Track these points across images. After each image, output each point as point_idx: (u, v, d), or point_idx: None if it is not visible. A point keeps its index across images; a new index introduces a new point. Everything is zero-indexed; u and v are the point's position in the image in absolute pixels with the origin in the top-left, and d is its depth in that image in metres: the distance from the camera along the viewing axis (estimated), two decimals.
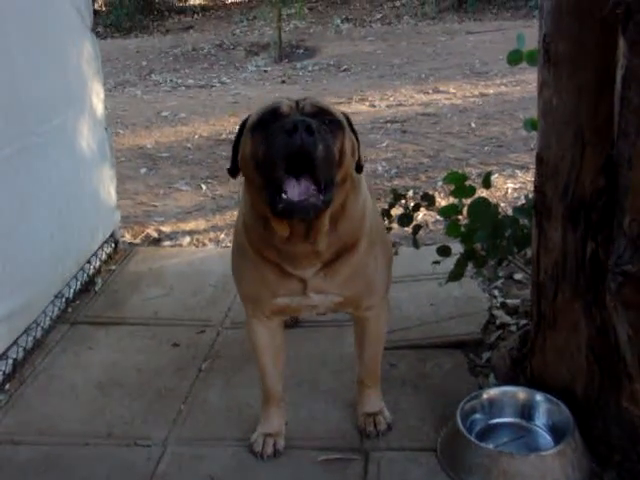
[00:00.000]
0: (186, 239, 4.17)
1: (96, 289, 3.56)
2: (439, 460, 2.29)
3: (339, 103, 7.02)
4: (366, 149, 5.35)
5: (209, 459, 2.37)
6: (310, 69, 9.24)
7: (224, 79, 9.02)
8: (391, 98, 7.19)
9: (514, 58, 2.70)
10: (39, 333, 3.09)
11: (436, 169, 5.06)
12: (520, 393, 2.41)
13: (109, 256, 3.85)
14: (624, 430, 2.18)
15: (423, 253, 3.13)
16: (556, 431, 2.29)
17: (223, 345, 3.03)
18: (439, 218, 3.51)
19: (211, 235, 4.21)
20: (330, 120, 1.88)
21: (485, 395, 2.42)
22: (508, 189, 4.57)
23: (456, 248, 2.90)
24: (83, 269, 3.54)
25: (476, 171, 4.84)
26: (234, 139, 2.01)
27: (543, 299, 2.33)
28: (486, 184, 2.82)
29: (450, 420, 2.34)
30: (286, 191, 1.80)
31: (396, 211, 3.01)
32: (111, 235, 3.90)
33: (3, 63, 2.79)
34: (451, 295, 3.20)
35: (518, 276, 3.35)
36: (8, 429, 2.58)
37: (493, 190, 4.24)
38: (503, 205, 4.14)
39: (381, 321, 2.35)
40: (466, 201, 2.79)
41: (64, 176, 3.31)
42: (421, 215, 3.97)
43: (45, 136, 3.12)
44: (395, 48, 9.98)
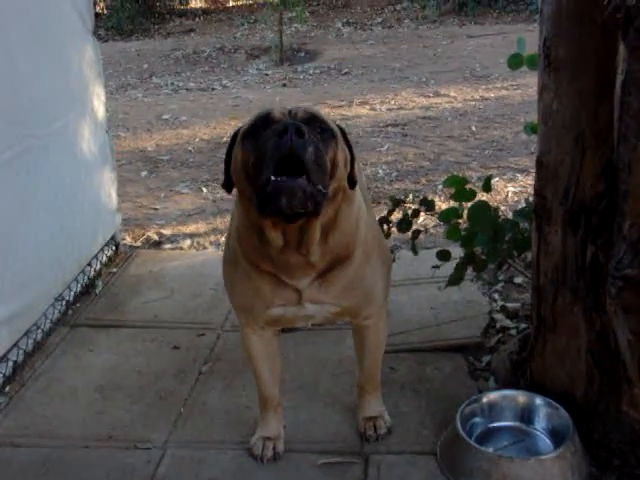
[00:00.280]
0: (187, 242, 4.17)
1: (97, 292, 3.56)
2: (439, 464, 2.29)
3: (340, 106, 7.04)
4: (367, 152, 5.36)
5: (209, 462, 2.37)
6: (311, 72, 9.25)
7: (225, 82, 9.03)
8: (392, 101, 7.20)
9: (514, 62, 2.70)
10: (39, 335, 3.09)
11: (436, 172, 5.06)
12: (520, 397, 2.41)
13: (110, 259, 3.85)
14: (624, 434, 2.18)
15: (423, 257, 3.13)
16: (556, 435, 2.29)
17: (223, 348, 3.03)
18: (439, 221, 3.52)
19: (212, 238, 4.22)
20: (323, 128, 1.85)
21: (485, 399, 2.42)
22: (508, 193, 4.58)
23: (456, 252, 2.90)
24: (84, 272, 3.55)
25: (476, 175, 4.85)
26: (225, 153, 1.98)
27: (543, 303, 2.34)
28: (486, 188, 2.82)
29: (450, 424, 2.34)
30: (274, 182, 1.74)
31: (397, 215, 3.01)
32: (112, 238, 3.90)
33: (4, 66, 2.80)
34: (451, 299, 3.21)
35: (518, 280, 3.35)
36: (8, 431, 2.58)
37: (493, 194, 4.25)
38: (503, 209, 4.14)
39: (380, 329, 2.34)
40: (466, 205, 2.79)
41: (65, 179, 3.32)
42: (421, 219, 3.97)
43: (46, 139, 3.12)
44: (396, 51, 9.99)
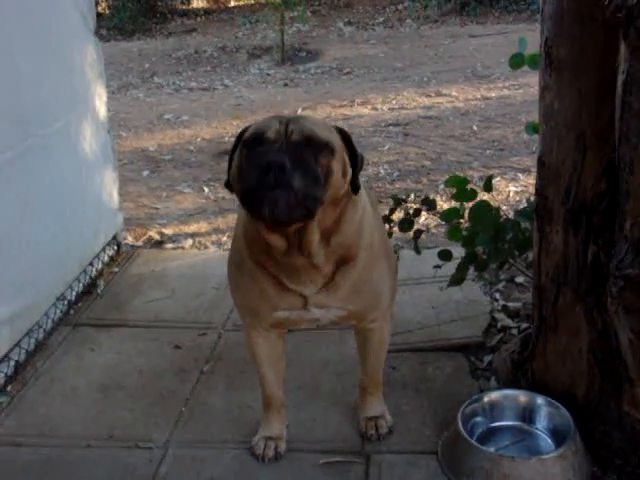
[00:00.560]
0: (188, 241, 4.18)
1: (98, 291, 3.57)
2: (440, 463, 2.29)
3: (341, 106, 7.04)
4: (368, 152, 5.35)
5: (210, 462, 2.37)
6: (313, 72, 9.25)
7: (227, 82, 9.03)
8: (393, 101, 7.20)
9: (516, 62, 2.70)
10: (41, 335, 3.09)
11: (438, 172, 5.06)
12: (521, 396, 2.41)
13: (111, 258, 3.86)
14: (625, 434, 2.18)
15: (424, 257, 3.13)
16: (557, 434, 2.29)
17: (225, 347, 3.03)
18: (441, 221, 3.52)
19: (213, 237, 4.22)
20: (317, 145, 1.84)
21: (486, 398, 2.42)
22: (510, 192, 4.58)
23: (457, 252, 2.90)
24: (85, 271, 3.55)
25: (478, 174, 4.85)
26: (230, 152, 2.00)
27: (544, 302, 2.34)
28: (488, 187, 2.82)
29: (451, 423, 2.34)
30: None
31: (398, 215, 3.01)
32: (113, 237, 3.90)
33: (6, 66, 2.80)
34: (452, 298, 3.21)
35: (519, 279, 3.35)
36: (10, 431, 2.58)
37: (495, 193, 4.23)
38: (505, 208, 4.14)
39: (384, 331, 2.34)
40: (468, 205, 2.79)
41: (67, 178, 3.32)
42: (422, 218, 3.97)
43: (48, 139, 3.13)
44: (397, 51, 9.98)
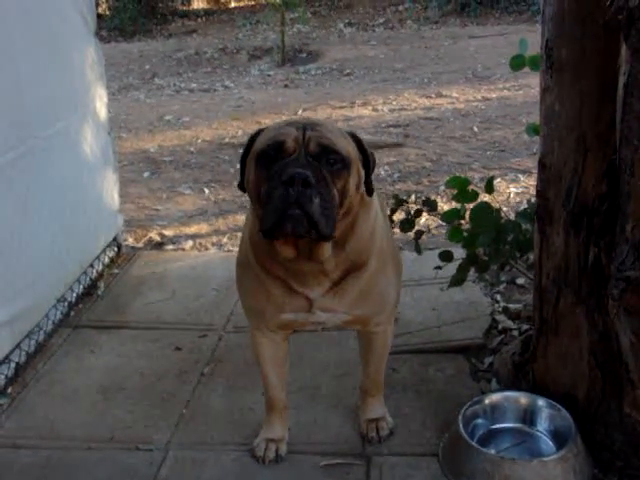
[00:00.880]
0: (189, 243, 4.18)
1: (99, 293, 3.57)
2: (441, 465, 2.29)
3: (342, 107, 7.04)
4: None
5: (211, 463, 2.37)
6: (313, 73, 9.25)
7: (227, 83, 9.03)
8: (394, 102, 7.20)
9: (517, 63, 2.70)
10: (41, 337, 3.09)
11: (438, 173, 5.06)
12: (522, 398, 2.41)
13: (112, 260, 3.86)
14: (626, 436, 2.18)
15: (425, 258, 3.13)
16: (558, 436, 2.29)
17: (225, 349, 3.03)
18: (441, 222, 3.51)
19: (214, 239, 4.22)
20: (335, 160, 1.85)
21: (487, 400, 2.42)
22: (510, 194, 4.58)
23: (458, 253, 2.90)
24: (86, 273, 3.55)
25: (478, 175, 4.85)
26: (242, 154, 2.00)
27: (545, 304, 2.33)
28: (488, 189, 2.82)
29: (452, 425, 2.34)
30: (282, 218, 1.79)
31: (398, 216, 3.01)
32: (114, 239, 3.90)
33: (7, 67, 2.80)
34: (453, 300, 3.21)
35: (520, 281, 3.35)
36: (10, 433, 2.58)
37: (495, 195, 4.21)
38: (505, 210, 4.12)
39: (388, 334, 2.34)
40: (468, 206, 2.79)
41: (67, 180, 3.32)
42: (423, 219, 3.97)
43: (48, 140, 3.13)
44: (398, 52, 9.99)
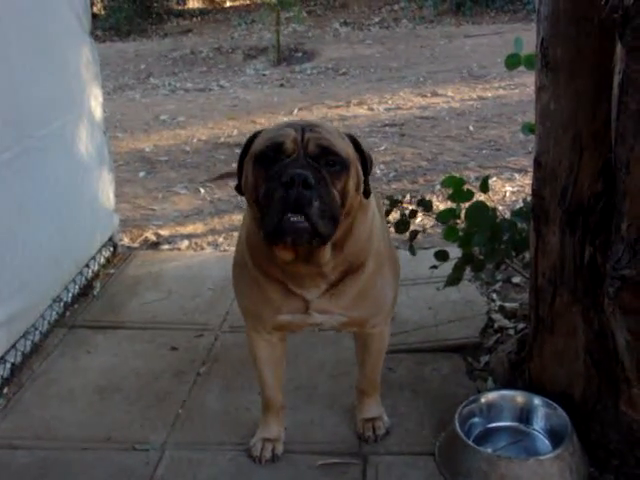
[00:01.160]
0: (184, 243, 4.17)
1: (94, 293, 3.56)
2: (437, 464, 2.29)
3: (337, 106, 7.04)
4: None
5: (207, 463, 2.37)
6: (309, 72, 9.25)
7: (223, 82, 9.03)
8: (389, 101, 7.20)
9: (512, 62, 2.70)
10: (37, 337, 3.08)
11: (434, 172, 5.07)
12: (518, 397, 2.41)
13: (107, 260, 3.85)
14: (622, 434, 2.18)
15: (421, 257, 3.13)
16: (554, 435, 2.29)
17: (221, 349, 3.03)
18: (437, 222, 3.51)
19: (209, 239, 4.22)
20: (334, 161, 1.85)
21: (483, 399, 2.42)
22: (506, 193, 4.58)
23: (454, 252, 2.90)
24: (82, 273, 3.54)
25: (474, 174, 4.86)
26: (239, 156, 1.99)
27: (541, 303, 2.34)
28: (484, 188, 2.82)
29: (448, 424, 2.34)
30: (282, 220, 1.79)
31: (394, 215, 3.01)
32: (110, 239, 3.90)
33: (2, 67, 2.79)
34: (449, 299, 3.21)
35: (516, 280, 3.35)
36: (6, 433, 2.57)
37: (491, 194, 4.21)
38: (501, 209, 4.14)
39: (385, 335, 2.34)
40: (464, 205, 2.79)
41: (63, 180, 3.31)
42: (419, 219, 3.97)
43: (44, 140, 3.12)
44: (393, 51, 9.99)
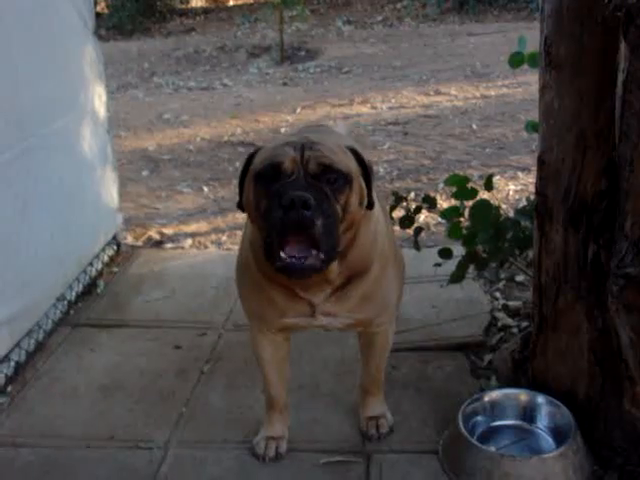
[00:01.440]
0: (188, 241, 4.18)
1: (98, 291, 3.57)
2: (441, 462, 2.29)
3: (341, 105, 7.04)
4: (368, 151, 5.35)
5: (211, 462, 2.37)
6: (312, 71, 9.24)
7: (226, 81, 9.02)
8: (392, 100, 7.19)
9: (516, 60, 2.70)
10: (41, 335, 3.09)
11: (437, 171, 5.06)
12: (522, 395, 2.41)
13: (111, 258, 3.85)
14: (626, 433, 2.18)
15: (425, 255, 3.13)
16: (558, 433, 2.29)
17: (225, 347, 3.03)
18: (440, 220, 3.52)
19: (213, 237, 4.22)
20: (336, 178, 1.83)
21: (487, 397, 2.42)
22: (509, 191, 4.58)
23: (458, 250, 2.90)
24: (85, 271, 3.55)
25: (477, 173, 4.84)
26: (239, 174, 1.97)
27: (545, 301, 2.33)
28: (488, 186, 2.82)
29: (452, 422, 2.34)
30: (284, 249, 1.78)
31: (397, 213, 3.01)
32: (113, 237, 3.90)
33: (5, 66, 2.79)
34: (453, 297, 3.20)
35: (520, 278, 3.35)
36: (10, 431, 2.58)
37: (494, 192, 4.23)
38: (504, 207, 4.13)
39: (389, 334, 2.34)
40: (468, 203, 2.79)
41: (66, 179, 3.32)
42: (422, 217, 3.97)
43: (47, 139, 3.12)
44: (396, 50, 9.98)
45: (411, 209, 2.99)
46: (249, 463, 2.36)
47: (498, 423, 2.40)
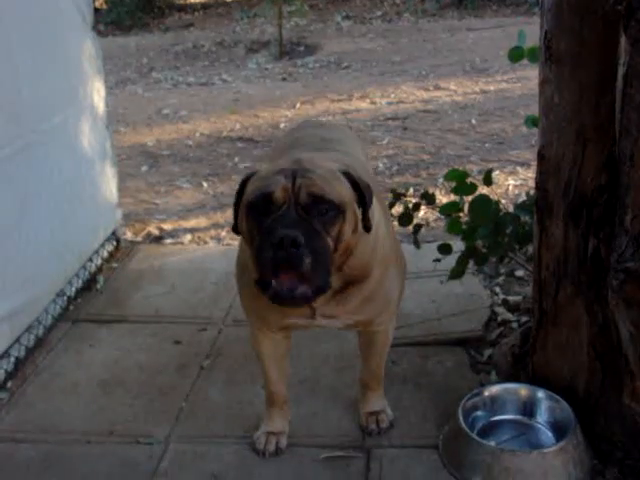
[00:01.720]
0: (187, 237, 4.17)
1: (98, 287, 3.56)
2: (441, 457, 2.30)
3: (340, 100, 7.02)
4: (367, 146, 5.34)
5: (211, 457, 2.38)
6: (311, 66, 9.22)
7: (225, 77, 9.00)
8: (392, 95, 7.17)
9: (515, 55, 2.70)
10: (41, 331, 3.09)
11: (437, 166, 5.06)
12: (522, 390, 2.41)
13: (111, 254, 3.85)
14: (626, 427, 2.19)
15: (424, 250, 3.13)
16: (558, 428, 2.29)
17: (225, 343, 3.03)
18: (440, 215, 3.51)
19: (212, 233, 4.22)
20: (327, 209, 1.82)
21: (487, 392, 2.42)
22: (509, 186, 4.57)
23: (457, 245, 2.90)
24: (85, 267, 3.55)
25: (477, 168, 4.84)
26: (234, 199, 1.99)
27: (545, 296, 2.33)
28: (487, 181, 2.82)
29: (452, 417, 2.34)
30: (276, 280, 1.81)
31: (397, 209, 3.00)
32: (113, 233, 3.90)
33: (4, 62, 2.79)
34: (452, 292, 3.21)
35: (519, 273, 3.35)
36: (10, 427, 2.58)
37: (494, 187, 4.22)
38: (504, 202, 4.12)
39: (389, 331, 2.34)
40: (467, 198, 2.79)
41: (65, 174, 3.31)
42: (422, 212, 3.96)
43: (46, 134, 3.12)
44: (395, 45, 9.95)
45: (410, 206, 2.99)
46: (249, 458, 2.36)
47: (498, 418, 2.40)
